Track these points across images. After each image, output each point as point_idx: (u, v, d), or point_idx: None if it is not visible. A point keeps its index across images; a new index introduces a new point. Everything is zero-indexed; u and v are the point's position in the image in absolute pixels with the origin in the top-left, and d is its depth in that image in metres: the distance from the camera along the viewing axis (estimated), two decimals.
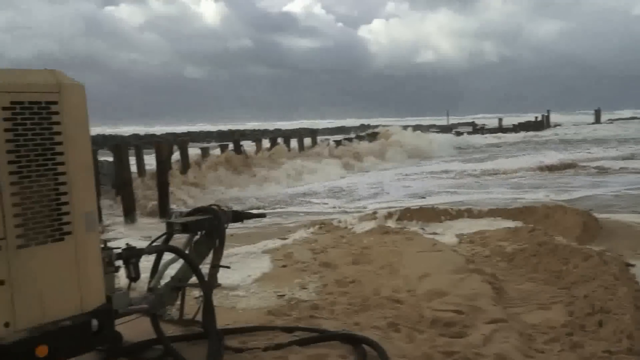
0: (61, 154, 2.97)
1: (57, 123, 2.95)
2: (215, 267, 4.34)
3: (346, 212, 13.42)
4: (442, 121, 74.34)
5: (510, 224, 9.33)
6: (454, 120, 76.88)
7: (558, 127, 59.61)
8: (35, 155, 2.89)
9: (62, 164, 2.98)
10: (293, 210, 15.29)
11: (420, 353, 4.09)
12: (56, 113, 2.95)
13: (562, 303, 5.33)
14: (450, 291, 5.43)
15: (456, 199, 15.28)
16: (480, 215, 10.49)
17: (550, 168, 22.20)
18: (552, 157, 27.02)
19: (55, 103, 2.95)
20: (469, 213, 10.59)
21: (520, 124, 56.12)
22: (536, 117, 61.71)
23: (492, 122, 64.82)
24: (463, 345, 4.20)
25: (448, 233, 9.19)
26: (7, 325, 2.82)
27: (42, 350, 2.87)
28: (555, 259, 6.67)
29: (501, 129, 54.14)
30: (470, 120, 76.67)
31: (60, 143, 2.96)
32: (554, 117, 66.79)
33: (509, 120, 63.53)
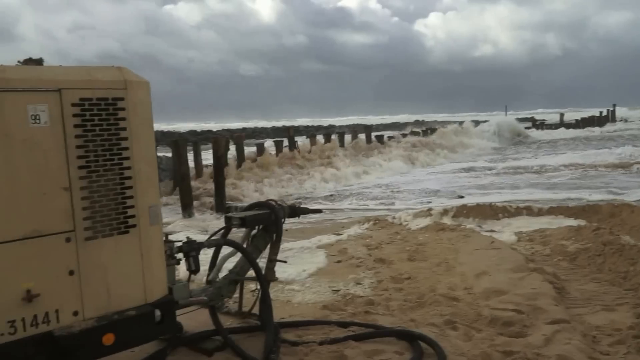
0: (126, 149, 3.07)
1: (123, 119, 3.05)
2: (272, 261, 4.39)
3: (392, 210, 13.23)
4: (499, 116, 72.50)
5: (572, 222, 9.00)
6: (512, 115, 74.75)
7: (620, 122, 56.89)
8: (102, 150, 2.99)
9: (127, 158, 3.08)
10: (347, 207, 15.24)
11: (478, 352, 4.00)
12: (122, 109, 3.05)
13: (629, 305, 5.10)
14: (509, 290, 5.29)
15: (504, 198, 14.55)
16: (540, 213, 10.17)
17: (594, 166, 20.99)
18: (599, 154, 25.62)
19: (121, 99, 3.04)
20: (528, 211, 10.29)
21: (583, 119, 53.92)
22: (600, 112, 59.19)
23: (553, 117, 62.66)
24: (523, 345, 4.09)
25: (506, 231, 8.96)
26: (75, 314, 2.95)
27: (108, 339, 2.99)
28: (621, 259, 6.38)
29: (562, 124, 52.26)
30: (530, 116, 74.37)
31: (125, 138, 3.06)
32: (621, 112, 63.80)
33: (571, 116, 61.23)
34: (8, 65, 2.81)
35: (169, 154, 18.19)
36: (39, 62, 3.91)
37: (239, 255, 4.25)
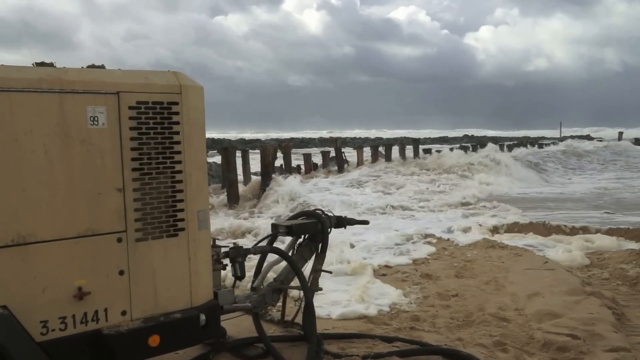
0: (179, 153, 3.09)
1: (177, 123, 3.08)
2: (317, 271, 4.35)
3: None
4: (553, 133, 70.56)
5: (633, 245, 8.58)
6: (566, 132, 72.61)
7: None
8: (155, 153, 3.03)
9: (179, 162, 3.10)
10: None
11: None
12: (176, 113, 3.08)
13: None
14: (564, 313, 5.05)
15: None
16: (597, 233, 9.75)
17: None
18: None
19: (176, 104, 3.08)
20: (585, 231, 9.89)
21: None
22: None
23: (611, 135, 60.28)
24: None
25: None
26: (123, 313, 2.98)
27: (154, 340, 3.00)
28: None
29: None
30: (586, 133, 72.07)
31: (178, 142, 3.09)
32: None
33: (631, 134, 58.78)
34: (70, 68, 2.88)
35: (218, 161, 18.48)
36: (101, 68, 4.01)
37: (284, 263, 4.23)
